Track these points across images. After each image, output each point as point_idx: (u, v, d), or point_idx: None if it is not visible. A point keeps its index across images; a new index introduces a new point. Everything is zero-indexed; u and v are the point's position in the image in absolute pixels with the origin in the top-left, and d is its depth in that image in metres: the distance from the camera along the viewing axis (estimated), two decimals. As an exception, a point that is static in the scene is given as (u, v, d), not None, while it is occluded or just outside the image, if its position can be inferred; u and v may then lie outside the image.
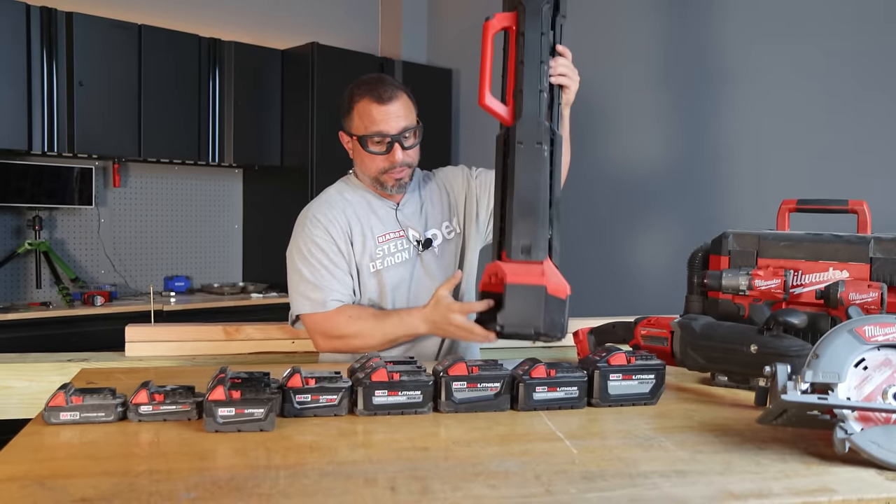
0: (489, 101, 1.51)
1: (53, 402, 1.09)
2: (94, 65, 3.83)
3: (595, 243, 3.96)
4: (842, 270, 1.42)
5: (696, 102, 3.58)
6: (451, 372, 1.20)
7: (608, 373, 1.25)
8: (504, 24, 1.53)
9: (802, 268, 1.46)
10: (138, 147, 4.02)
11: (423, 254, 1.87)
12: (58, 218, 4.10)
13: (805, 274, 1.46)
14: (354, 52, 4.66)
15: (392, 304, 1.83)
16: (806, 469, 0.96)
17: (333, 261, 1.79)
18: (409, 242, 1.86)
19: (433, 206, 1.93)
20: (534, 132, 1.48)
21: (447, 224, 1.92)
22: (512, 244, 1.45)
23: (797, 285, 1.46)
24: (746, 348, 1.31)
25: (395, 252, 1.84)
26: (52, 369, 1.79)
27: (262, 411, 1.07)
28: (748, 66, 3.34)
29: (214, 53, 4.29)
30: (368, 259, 1.82)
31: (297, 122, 4.47)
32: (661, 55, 3.75)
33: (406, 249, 1.85)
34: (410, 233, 1.86)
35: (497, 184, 1.53)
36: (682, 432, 1.12)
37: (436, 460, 0.98)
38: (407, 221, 1.87)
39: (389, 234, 1.84)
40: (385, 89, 1.76)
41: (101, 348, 2.07)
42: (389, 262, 1.83)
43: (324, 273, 1.78)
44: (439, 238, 1.90)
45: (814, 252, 1.46)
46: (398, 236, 1.85)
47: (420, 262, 1.86)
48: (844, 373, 0.99)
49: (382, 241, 1.83)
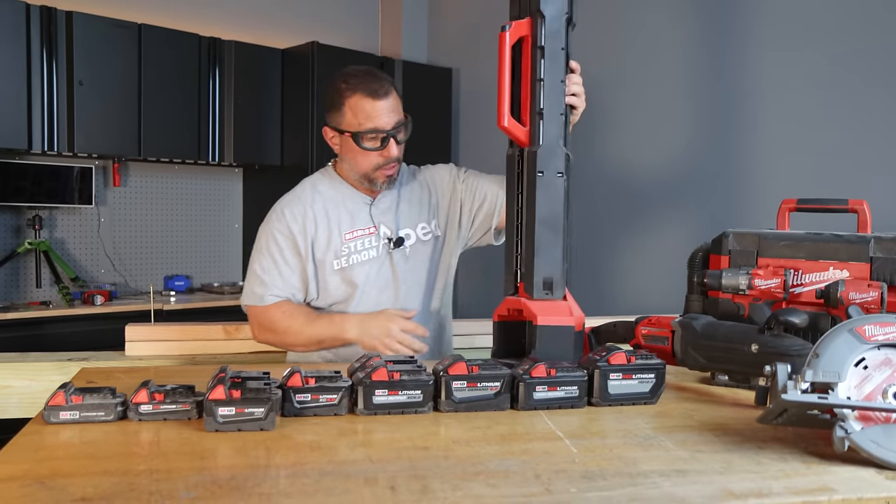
0: (510, 125, 1.44)
1: (53, 401, 1.09)
2: (94, 64, 3.83)
3: (596, 242, 3.96)
4: (842, 270, 1.42)
5: (698, 103, 3.58)
6: (452, 371, 1.20)
7: (608, 372, 1.25)
8: (520, 34, 1.44)
9: (802, 267, 1.46)
10: (138, 146, 4.02)
11: (393, 252, 1.83)
12: (58, 217, 4.11)
13: (805, 273, 1.46)
14: (354, 51, 4.67)
15: (357, 305, 1.80)
16: (806, 468, 0.96)
17: (286, 258, 1.79)
18: (378, 240, 1.82)
19: (411, 204, 1.88)
20: (556, 162, 1.43)
21: (424, 225, 1.88)
22: (535, 280, 1.41)
23: (797, 285, 1.46)
24: (747, 348, 1.31)
25: (363, 249, 1.81)
26: (52, 368, 1.79)
27: (262, 410, 1.07)
28: (753, 68, 3.34)
29: (214, 53, 4.29)
30: (333, 256, 1.79)
31: (297, 122, 4.47)
32: (665, 55, 3.75)
33: (375, 247, 1.82)
34: (382, 229, 1.83)
35: (511, 208, 1.49)
36: (683, 432, 1.12)
37: (436, 459, 0.98)
38: (380, 217, 1.84)
39: (358, 231, 1.81)
40: (378, 84, 1.75)
41: (101, 348, 2.07)
42: (355, 260, 1.80)
43: (271, 269, 1.80)
44: (412, 238, 1.86)
45: (814, 251, 1.46)
46: (368, 233, 1.82)
47: (389, 261, 1.83)
48: (844, 372, 0.99)
49: (350, 237, 1.81)
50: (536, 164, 1.42)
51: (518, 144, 1.47)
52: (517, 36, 1.44)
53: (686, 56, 3.62)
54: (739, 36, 3.38)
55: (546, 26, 1.42)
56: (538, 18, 1.43)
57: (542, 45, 1.43)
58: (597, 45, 3.91)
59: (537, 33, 1.43)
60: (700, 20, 3.56)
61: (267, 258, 1.80)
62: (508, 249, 1.50)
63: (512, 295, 1.48)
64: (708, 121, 3.53)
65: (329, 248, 1.80)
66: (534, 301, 1.41)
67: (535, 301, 1.41)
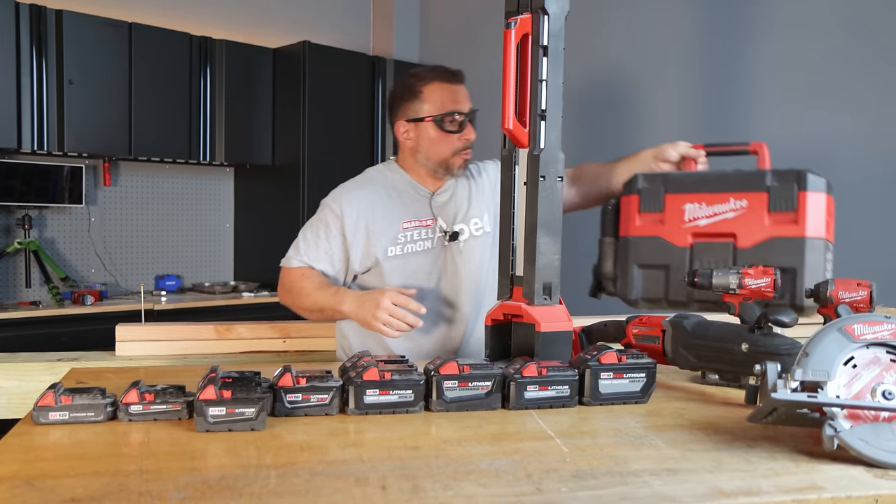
0: (514, 127, 1.41)
1: (43, 401, 1.09)
2: (84, 63, 3.81)
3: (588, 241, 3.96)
4: (740, 199, 1.50)
5: (706, 103, 3.59)
6: (443, 371, 1.20)
7: (599, 371, 1.25)
8: (524, 31, 1.39)
9: (706, 200, 1.53)
10: (129, 145, 4.01)
11: (450, 246, 1.85)
12: (48, 217, 4.08)
13: (709, 205, 1.53)
14: (346, 50, 4.66)
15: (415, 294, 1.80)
16: (795, 467, 0.97)
17: (329, 234, 1.84)
18: (435, 232, 1.85)
19: (468, 199, 1.90)
20: (557, 166, 1.42)
21: (476, 220, 1.89)
22: (535, 286, 1.41)
23: (700, 217, 1.54)
24: (737, 347, 1.32)
25: (419, 240, 1.84)
26: (42, 369, 1.78)
27: (252, 411, 1.07)
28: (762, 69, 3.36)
29: (205, 52, 4.27)
30: (389, 242, 1.82)
31: (288, 121, 4.46)
32: (680, 52, 3.76)
33: (431, 238, 1.84)
34: (440, 222, 1.86)
35: (505, 211, 1.48)
36: (673, 431, 1.12)
37: (427, 459, 0.98)
38: (439, 210, 1.87)
39: (415, 222, 1.85)
40: (452, 72, 1.84)
41: (91, 348, 2.06)
42: (410, 249, 1.83)
43: (311, 240, 1.85)
44: (466, 234, 1.88)
45: (716, 185, 1.54)
46: (425, 225, 1.85)
47: (444, 254, 1.85)
48: (834, 371, 1.00)
49: (407, 226, 1.84)
50: (539, 168, 1.40)
51: (517, 146, 1.45)
52: (522, 33, 1.39)
53: (707, 55, 3.63)
54: (751, 38, 3.40)
55: (550, 24, 1.39)
56: (541, 15, 1.38)
57: (544, 44, 1.40)
58: (608, 43, 3.92)
59: (539, 31, 1.39)
60: (721, 20, 3.57)
61: (312, 230, 1.87)
62: (503, 253, 1.49)
63: (507, 299, 1.48)
64: (704, 119, 3.54)
65: (387, 234, 1.83)
66: (534, 307, 1.41)
67: (535, 307, 1.41)
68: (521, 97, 1.43)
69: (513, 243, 1.47)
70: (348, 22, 5.17)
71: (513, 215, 1.47)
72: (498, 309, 1.48)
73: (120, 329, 1.99)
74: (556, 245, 1.43)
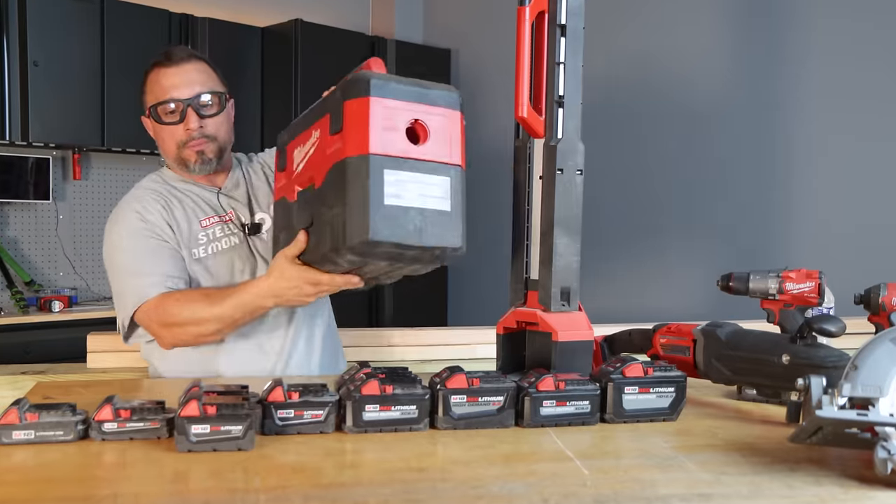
0: (528, 115, 1.39)
1: (5, 419, 1.09)
2: (50, 43, 3.82)
3: (612, 242, 3.96)
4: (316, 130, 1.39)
5: (731, 111, 3.61)
6: (450, 384, 1.20)
7: (623, 385, 1.25)
8: (540, 8, 1.39)
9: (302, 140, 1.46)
10: (101, 135, 4.02)
11: (253, 239, 1.86)
12: (10, 214, 4.10)
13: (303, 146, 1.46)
14: (343, 30, 4.67)
15: None
16: (843, 493, 0.97)
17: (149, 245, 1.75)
18: (235, 227, 1.86)
19: (259, 188, 1.93)
20: (576, 158, 1.40)
21: None
22: (552, 291, 1.39)
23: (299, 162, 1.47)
24: (777, 358, 1.31)
25: (223, 236, 1.83)
26: (4, 383, 1.78)
27: (240, 428, 1.07)
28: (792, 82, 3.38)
29: (187, 31, 4.29)
30: (192, 244, 1.81)
31: (279, 107, 4.48)
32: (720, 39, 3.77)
33: (233, 234, 1.85)
34: (237, 216, 1.87)
35: (517, 207, 1.47)
36: (705, 451, 1.12)
37: (432, 482, 0.98)
38: (232, 204, 1.88)
39: (214, 218, 1.85)
40: (175, 52, 1.81)
41: (60, 359, 2.06)
42: (215, 248, 1.83)
43: (140, 258, 1.75)
44: (268, 222, 1.88)
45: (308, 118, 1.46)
46: (222, 220, 1.85)
47: (252, 248, 1.85)
48: (887, 386, 0.99)
49: (206, 224, 1.83)
50: (556, 161, 1.39)
51: (532, 136, 1.44)
52: (537, 10, 1.39)
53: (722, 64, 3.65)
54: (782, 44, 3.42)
55: (568, 1, 1.39)
56: None
57: (562, 23, 1.39)
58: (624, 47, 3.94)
59: (556, 9, 1.39)
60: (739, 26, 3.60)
61: (128, 255, 1.77)
62: (516, 255, 1.49)
63: (521, 306, 1.48)
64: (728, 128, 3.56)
65: (190, 237, 1.81)
66: (551, 314, 1.40)
67: (552, 314, 1.40)
68: (536, 82, 1.43)
69: (527, 243, 1.47)
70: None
71: (527, 212, 1.47)
72: (510, 316, 1.47)
73: (91, 338, 2.00)
74: (576, 245, 1.42)
